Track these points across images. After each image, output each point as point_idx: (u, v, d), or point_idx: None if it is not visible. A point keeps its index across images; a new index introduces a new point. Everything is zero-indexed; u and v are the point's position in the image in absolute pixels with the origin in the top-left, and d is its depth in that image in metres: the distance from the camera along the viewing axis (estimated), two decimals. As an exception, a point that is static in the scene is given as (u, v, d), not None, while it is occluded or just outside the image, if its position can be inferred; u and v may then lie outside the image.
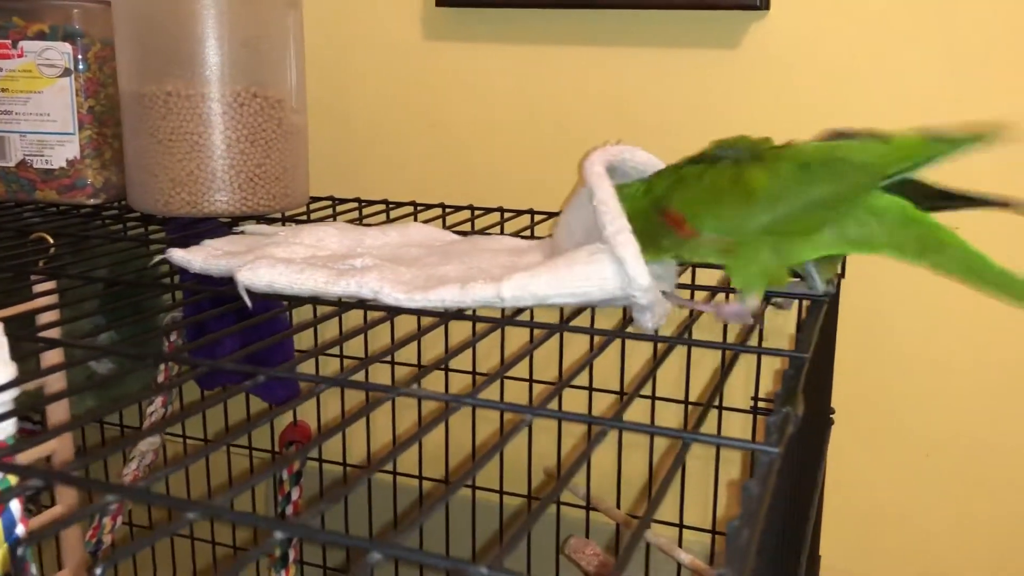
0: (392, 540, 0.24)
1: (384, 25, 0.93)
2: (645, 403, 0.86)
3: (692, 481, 0.87)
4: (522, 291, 0.48)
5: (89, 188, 0.82)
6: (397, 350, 0.48)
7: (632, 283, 0.46)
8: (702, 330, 0.86)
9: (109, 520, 0.83)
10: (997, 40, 0.74)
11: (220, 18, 0.74)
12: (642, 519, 0.29)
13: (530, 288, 0.48)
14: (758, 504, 0.29)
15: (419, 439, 0.35)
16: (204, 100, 0.74)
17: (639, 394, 0.86)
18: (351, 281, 0.52)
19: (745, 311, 0.50)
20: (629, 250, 0.46)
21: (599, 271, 0.47)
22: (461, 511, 0.92)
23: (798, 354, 0.42)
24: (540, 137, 0.90)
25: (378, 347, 0.98)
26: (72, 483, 0.29)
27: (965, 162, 0.48)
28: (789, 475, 0.46)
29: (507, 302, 0.49)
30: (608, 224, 0.48)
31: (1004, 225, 0.76)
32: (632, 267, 0.46)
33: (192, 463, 0.32)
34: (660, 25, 0.83)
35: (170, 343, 0.83)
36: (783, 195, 0.48)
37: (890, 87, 0.78)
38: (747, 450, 0.31)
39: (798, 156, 0.49)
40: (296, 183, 0.81)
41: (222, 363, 0.42)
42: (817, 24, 0.79)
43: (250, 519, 0.27)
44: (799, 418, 0.35)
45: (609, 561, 0.78)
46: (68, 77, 0.80)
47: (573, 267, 0.48)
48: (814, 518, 0.68)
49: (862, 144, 0.48)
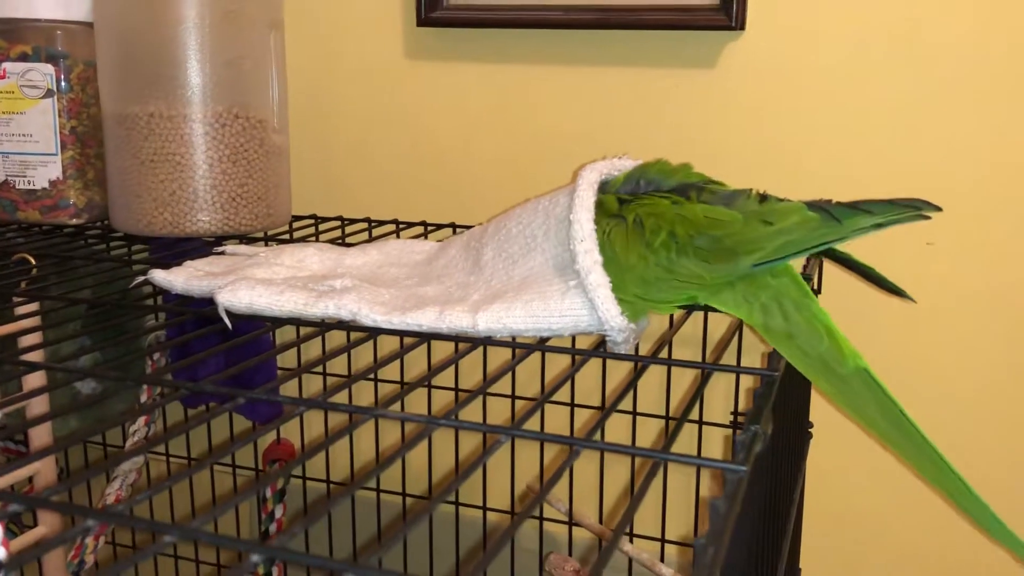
0: (366, 562, 0.25)
1: (366, 44, 0.94)
2: (627, 418, 0.87)
3: (673, 496, 0.88)
4: (497, 323, 0.50)
5: (72, 208, 0.82)
6: (380, 368, 0.49)
7: (606, 323, 0.47)
8: (681, 345, 0.87)
9: (92, 540, 0.83)
10: (966, 63, 0.76)
11: (202, 39, 0.75)
12: (615, 531, 0.30)
13: (504, 321, 0.49)
14: (724, 521, 0.29)
15: (402, 456, 0.35)
16: (186, 121, 0.75)
17: (619, 409, 0.87)
18: (329, 303, 0.53)
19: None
20: (600, 292, 0.47)
21: (573, 309, 0.48)
22: (445, 527, 0.93)
23: (769, 372, 0.43)
24: (520, 155, 0.91)
25: (362, 365, 0.98)
26: (52, 508, 0.30)
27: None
28: (762, 491, 0.46)
29: (481, 332, 0.50)
30: (580, 256, 0.49)
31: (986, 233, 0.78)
32: (604, 311, 0.47)
33: (175, 483, 0.32)
34: (637, 45, 0.85)
35: (153, 363, 0.84)
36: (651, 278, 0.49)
37: (863, 107, 0.79)
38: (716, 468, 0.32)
39: (676, 227, 0.49)
40: (279, 202, 0.81)
41: (201, 385, 0.42)
42: (792, 44, 0.80)
43: (226, 542, 0.27)
44: (768, 436, 0.36)
45: (583, 572, 0.79)
46: (51, 98, 0.80)
47: (548, 303, 0.49)
48: (792, 531, 0.69)
49: (744, 222, 0.47)
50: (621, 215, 0.51)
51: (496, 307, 0.50)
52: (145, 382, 0.43)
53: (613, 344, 0.50)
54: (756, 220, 0.47)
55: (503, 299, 0.51)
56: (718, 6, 0.80)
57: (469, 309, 0.51)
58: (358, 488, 0.32)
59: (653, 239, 0.48)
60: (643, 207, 0.50)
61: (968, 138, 0.77)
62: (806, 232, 0.46)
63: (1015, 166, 0.76)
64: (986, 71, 0.76)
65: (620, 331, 0.47)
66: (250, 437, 0.41)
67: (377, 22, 0.93)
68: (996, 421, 0.80)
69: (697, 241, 0.48)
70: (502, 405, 0.93)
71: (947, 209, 0.78)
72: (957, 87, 0.77)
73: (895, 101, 0.78)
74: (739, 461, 0.33)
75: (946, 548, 0.84)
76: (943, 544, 0.84)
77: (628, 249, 0.49)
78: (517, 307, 0.50)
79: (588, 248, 0.49)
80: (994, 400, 0.80)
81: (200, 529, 0.27)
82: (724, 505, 0.30)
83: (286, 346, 0.54)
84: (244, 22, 0.77)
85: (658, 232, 0.49)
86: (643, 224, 0.49)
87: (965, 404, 0.81)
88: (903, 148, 0.79)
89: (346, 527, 0.97)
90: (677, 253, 0.48)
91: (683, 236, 0.48)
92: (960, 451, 0.82)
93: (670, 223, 0.49)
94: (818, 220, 0.46)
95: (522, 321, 0.49)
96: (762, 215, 0.47)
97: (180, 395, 0.42)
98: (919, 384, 0.82)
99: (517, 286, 0.53)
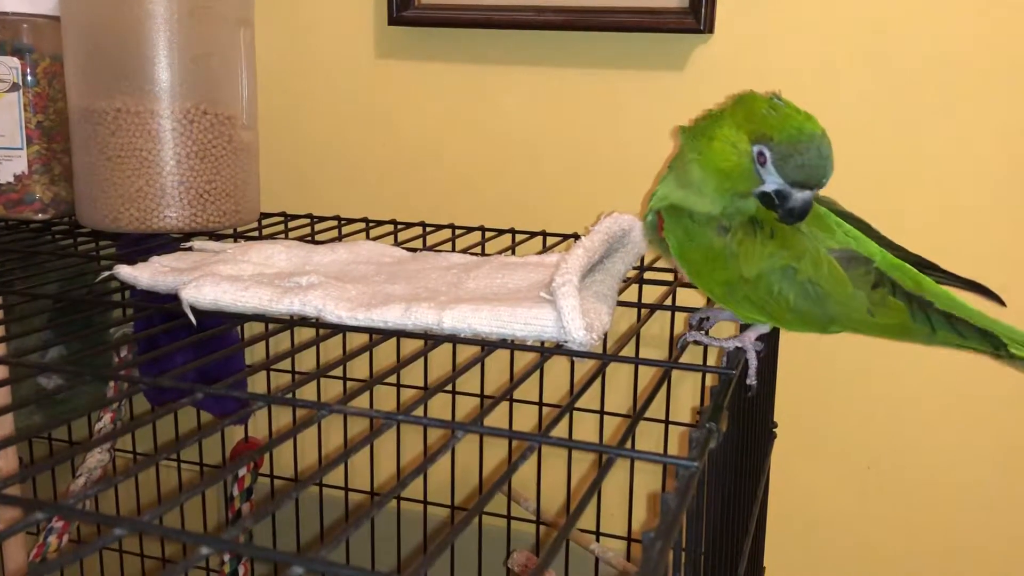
0: (314, 555, 0.25)
1: (337, 43, 0.94)
2: (594, 417, 0.87)
3: (640, 495, 0.88)
4: (461, 323, 0.50)
5: (37, 203, 0.81)
6: (348, 362, 0.49)
7: (568, 334, 0.47)
8: (648, 344, 0.88)
9: (55, 539, 0.82)
10: (931, 66, 0.77)
11: (171, 34, 0.74)
12: (564, 524, 0.30)
13: (469, 321, 0.50)
14: (675, 516, 0.30)
15: (370, 451, 0.35)
16: (154, 116, 0.74)
17: (586, 408, 0.87)
18: (295, 299, 0.53)
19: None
20: (569, 301, 0.47)
21: (539, 319, 0.49)
22: (413, 524, 0.93)
23: (726, 371, 0.44)
24: (490, 155, 0.91)
25: (331, 359, 0.98)
26: (4, 502, 0.30)
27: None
28: (721, 488, 0.47)
29: (446, 329, 0.50)
30: (558, 275, 0.49)
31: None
32: (568, 318, 0.47)
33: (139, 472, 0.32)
34: (607, 47, 0.85)
35: (120, 358, 0.83)
36: (739, 296, 0.53)
37: (830, 111, 0.80)
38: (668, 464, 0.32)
39: (790, 271, 0.52)
40: (247, 199, 0.81)
41: (162, 380, 0.42)
42: (760, 48, 0.81)
43: (176, 534, 0.27)
44: (722, 434, 0.36)
45: (551, 573, 0.79)
46: (16, 92, 0.79)
47: (515, 310, 0.49)
48: (755, 530, 0.69)
49: (851, 297, 0.51)
50: (757, 220, 0.52)
51: (464, 307, 0.50)
52: (105, 377, 0.43)
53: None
54: (863, 304, 0.51)
55: (472, 303, 0.51)
56: (687, 9, 0.80)
57: (436, 307, 0.51)
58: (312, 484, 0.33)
59: (774, 263, 0.52)
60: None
61: (933, 140, 0.78)
62: (895, 335, 0.52)
63: (979, 166, 0.77)
64: (950, 74, 0.77)
65: (581, 345, 0.48)
66: (215, 428, 0.41)
67: (348, 20, 0.93)
68: (968, 416, 0.82)
69: (806, 286, 0.51)
70: (471, 401, 0.93)
71: (917, 210, 0.79)
72: (922, 90, 0.78)
73: (861, 104, 0.79)
74: (692, 457, 0.34)
75: (910, 547, 0.85)
76: (907, 543, 0.85)
77: (748, 259, 0.51)
78: (484, 311, 0.50)
79: (571, 268, 0.50)
80: (967, 395, 0.81)
81: (150, 523, 0.27)
82: (675, 500, 0.30)
83: (254, 340, 0.54)
84: (213, 18, 0.77)
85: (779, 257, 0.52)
86: (774, 237, 0.52)
87: (937, 399, 0.82)
88: (869, 151, 0.80)
89: (315, 525, 0.97)
90: (785, 286, 0.51)
91: (802, 274, 0.51)
92: (923, 458, 0.83)
93: (796, 257, 0.51)
94: (911, 328, 0.51)
95: (487, 323, 0.49)
96: (873, 302, 0.51)
97: (141, 389, 0.42)
98: (890, 381, 0.83)
99: (488, 297, 0.54)
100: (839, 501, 0.86)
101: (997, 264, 0.77)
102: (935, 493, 0.83)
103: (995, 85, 0.76)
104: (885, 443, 0.84)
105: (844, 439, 0.85)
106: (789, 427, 0.84)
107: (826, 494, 0.87)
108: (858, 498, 0.86)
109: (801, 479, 0.87)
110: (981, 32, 0.75)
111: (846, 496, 0.86)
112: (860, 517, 0.86)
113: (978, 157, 0.77)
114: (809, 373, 0.85)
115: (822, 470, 0.86)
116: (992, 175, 0.77)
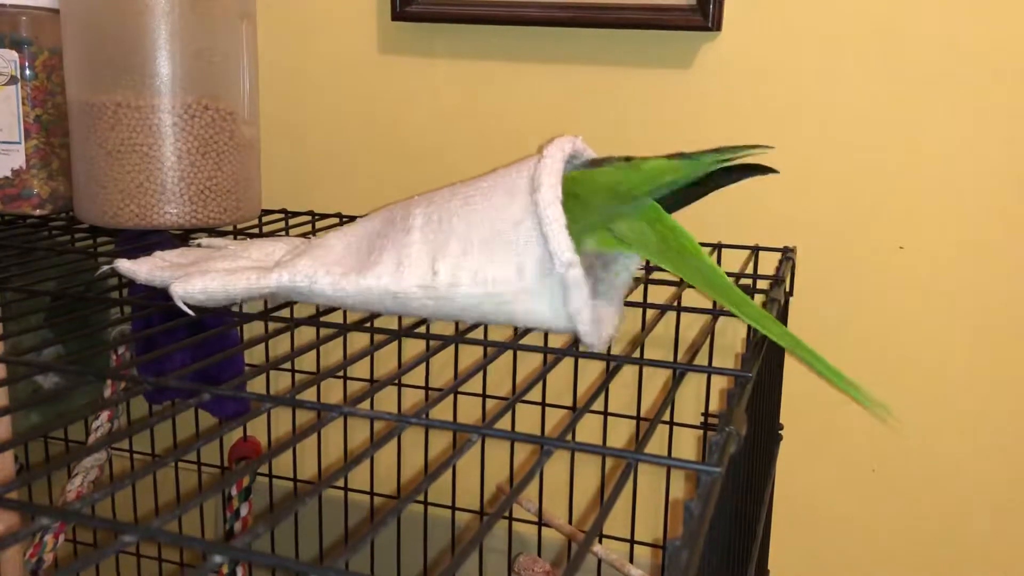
0: (331, 564, 0.24)
1: (339, 38, 0.93)
2: (598, 418, 0.87)
3: (643, 496, 0.87)
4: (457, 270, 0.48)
5: (35, 199, 0.80)
6: (349, 365, 0.48)
7: (555, 259, 0.45)
8: (654, 346, 0.87)
9: (51, 538, 0.81)
10: (941, 63, 0.76)
11: (172, 28, 0.73)
12: (587, 534, 0.29)
13: (463, 263, 0.48)
14: (699, 524, 0.29)
15: (371, 454, 0.34)
16: (154, 111, 0.73)
17: (591, 410, 0.86)
18: (283, 273, 0.51)
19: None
20: (554, 226, 0.46)
21: (527, 236, 0.47)
22: (414, 527, 0.92)
23: (743, 373, 0.43)
24: (494, 152, 0.90)
25: (331, 362, 0.97)
26: (5, 506, 0.29)
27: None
28: (735, 492, 0.46)
29: (441, 282, 0.48)
30: (542, 189, 0.47)
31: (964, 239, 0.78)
32: (555, 242, 0.45)
33: (137, 479, 0.31)
34: (614, 44, 0.84)
35: (118, 357, 0.82)
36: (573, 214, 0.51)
37: (838, 106, 0.79)
38: (690, 470, 0.31)
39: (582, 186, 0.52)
40: (248, 196, 0.80)
41: (164, 381, 0.41)
42: (767, 45, 0.80)
43: (187, 541, 0.26)
44: (742, 437, 0.35)
45: (554, 574, 0.78)
46: (14, 85, 0.78)
47: (505, 238, 0.47)
48: (762, 533, 0.69)
49: (614, 170, 0.52)
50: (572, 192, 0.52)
51: (452, 249, 0.48)
52: (105, 377, 0.42)
53: (584, 337, 0.49)
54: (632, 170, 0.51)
55: (459, 242, 0.49)
56: (694, 6, 0.80)
57: (428, 259, 0.49)
58: (326, 487, 0.32)
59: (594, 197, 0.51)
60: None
61: (942, 138, 0.77)
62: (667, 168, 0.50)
63: (988, 166, 0.77)
64: (961, 71, 0.76)
65: (567, 265, 0.46)
66: (216, 433, 0.40)
67: (351, 15, 0.92)
68: (971, 419, 0.81)
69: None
70: (474, 404, 0.92)
71: (920, 210, 0.79)
72: (931, 87, 0.77)
73: (870, 102, 0.79)
74: (713, 462, 0.33)
75: (915, 549, 0.84)
76: (912, 546, 0.84)
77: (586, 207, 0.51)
78: (474, 249, 0.48)
79: (552, 183, 0.48)
80: (970, 398, 0.81)
81: (160, 529, 0.26)
82: (699, 507, 0.30)
83: (254, 341, 0.53)
84: (215, 12, 0.76)
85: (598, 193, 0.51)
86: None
87: (940, 402, 0.82)
88: (877, 148, 0.79)
89: (313, 527, 0.96)
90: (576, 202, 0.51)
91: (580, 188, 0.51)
92: (928, 461, 0.82)
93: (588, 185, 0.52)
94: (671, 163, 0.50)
95: (478, 262, 0.48)
96: (634, 166, 0.51)
97: (143, 390, 0.41)
98: (894, 384, 0.82)
99: (472, 234, 0.51)
100: (843, 503, 0.86)
101: (998, 264, 0.77)
102: (940, 496, 0.83)
103: (1005, 84, 0.75)
104: (890, 447, 0.83)
105: (848, 441, 0.84)
106: (794, 429, 0.84)
107: (830, 497, 0.86)
108: (863, 500, 0.85)
109: (805, 481, 0.86)
110: (990, 32, 0.75)
111: (850, 498, 0.85)
112: (864, 520, 0.85)
113: (991, 155, 0.76)
114: (814, 375, 0.84)
115: (826, 472, 0.86)
116: (997, 175, 0.77)
